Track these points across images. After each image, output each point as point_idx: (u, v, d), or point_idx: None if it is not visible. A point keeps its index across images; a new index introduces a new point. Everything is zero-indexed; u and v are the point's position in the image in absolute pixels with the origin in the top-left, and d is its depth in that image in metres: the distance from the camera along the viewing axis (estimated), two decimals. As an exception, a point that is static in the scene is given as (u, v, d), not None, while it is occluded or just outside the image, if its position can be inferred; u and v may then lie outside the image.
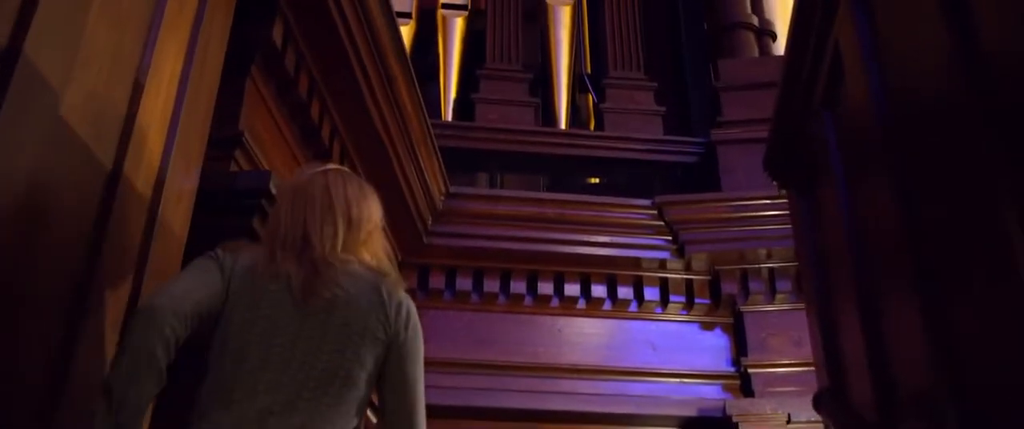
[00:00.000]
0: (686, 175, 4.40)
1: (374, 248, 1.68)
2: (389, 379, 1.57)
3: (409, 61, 2.97)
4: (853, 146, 1.77)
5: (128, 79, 1.66)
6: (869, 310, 1.69)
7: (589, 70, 5.31)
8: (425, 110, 3.17)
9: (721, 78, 4.39)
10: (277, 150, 2.58)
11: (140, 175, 1.69)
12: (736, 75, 4.38)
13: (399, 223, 3.46)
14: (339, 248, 1.59)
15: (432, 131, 3.31)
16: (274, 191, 2.06)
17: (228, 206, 2.07)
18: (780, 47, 4.77)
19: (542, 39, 4.98)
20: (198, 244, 1.96)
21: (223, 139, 2.21)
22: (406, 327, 1.59)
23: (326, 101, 2.75)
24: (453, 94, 4.72)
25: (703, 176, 4.27)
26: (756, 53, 4.58)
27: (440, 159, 3.50)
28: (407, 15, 4.89)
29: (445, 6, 4.99)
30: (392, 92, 2.93)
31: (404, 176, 3.27)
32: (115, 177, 1.59)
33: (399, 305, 1.59)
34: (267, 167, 2.44)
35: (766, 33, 4.68)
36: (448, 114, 4.65)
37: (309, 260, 1.55)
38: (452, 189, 3.71)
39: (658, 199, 3.87)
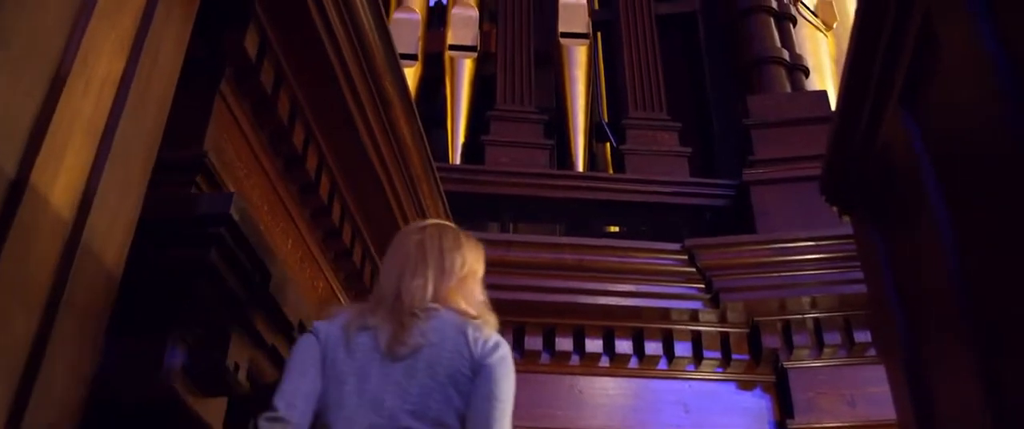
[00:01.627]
0: (716, 219, 4.03)
1: (469, 295, 1.72)
2: (471, 413, 1.56)
3: (407, 85, 2.65)
4: (956, 154, 1.39)
5: (45, 70, 1.34)
6: (989, 361, 1.29)
7: (606, 114, 5.02)
8: (426, 141, 2.83)
9: (751, 115, 4.06)
10: (253, 180, 2.25)
11: (56, 190, 1.34)
12: (767, 111, 4.06)
13: (400, 271, 3.10)
14: (429, 298, 1.66)
15: (434, 167, 2.97)
16: (237, 217, 1.71)
17: (182, 236, 1.72)
18: (814, 82, 4.46)
19: (557, 79, 4.68)
20: (141, 282, 1.62)
21: (182, 161, 1.88)
22: (490, 355, 1.59)
23: (311, 126, 2.42)
24: (461, 138, 4.41)
25: (735, 220, 3.90)
26: (788, 89, 4.25)
27: (444, 199, 3.15)
28: (412, 57, 4.63)
29: (453, 47, 4.72)
30: (388, 118, 2.60)
31: (403, 216, 2.92)
32: (18, 186, 1.25)
33: (486, 341, 1.61)
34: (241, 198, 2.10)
35: (798, 68, 4.36)
36: (456, 159, 4.33)
37: (397, 313, 1.64)
38: (459, 234, 3.35)
39: (689, 243, 3.50)
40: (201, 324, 1.82)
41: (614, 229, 4.67)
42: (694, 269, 3.50)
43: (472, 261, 1.78)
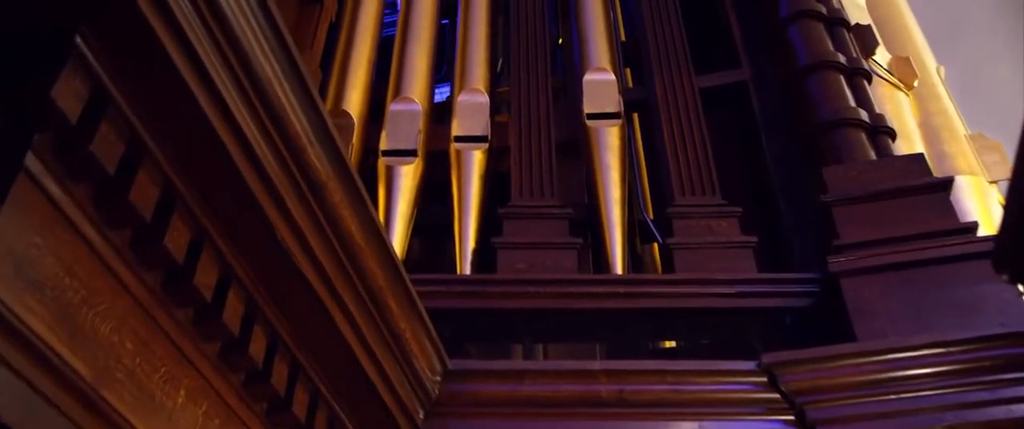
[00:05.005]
0: (799, 325, 3.11)
1: None
2: None
3: (347, 163, 1.89)
4: None
5: None
6: None
7: (650, 210, 4.20)
8: (382, 231, 2.04)
9: (830, 190, 3.19)
10: (109, 296, 1.47)
11: None
12: (850, 184, 3.19)
13: (368, 424, 2.26)
14: None
15: (404, 273, 2.16)
16: None
17: None
18: (900, 149, 3.60)
19: (586, 167, 3.90)
20: None
21: None
22: None
23: (197, 217, 1.65)
24: (471, 243, 3.61)
25: (825, 324, 2.98)
26: (871, 155, 3.40)
27: (427, 322, 2.33)
28: (411, 153, 3.91)
29: (459, 139, 3.99)
30: (319, 203, 1.82)
31: (364, 348, 2.10)
32: None
33: None
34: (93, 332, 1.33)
35: (881, 130, 3.51)
36: (465, 268, 3.52)
37: None
38: (453, 365, 2.50)
39: (767, 359, 2.58)
40: None
41: (669, 345, 3.76)
42: (778, 395, 2.58)
43: None
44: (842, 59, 3.77)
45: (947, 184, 3.15)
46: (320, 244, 1.86)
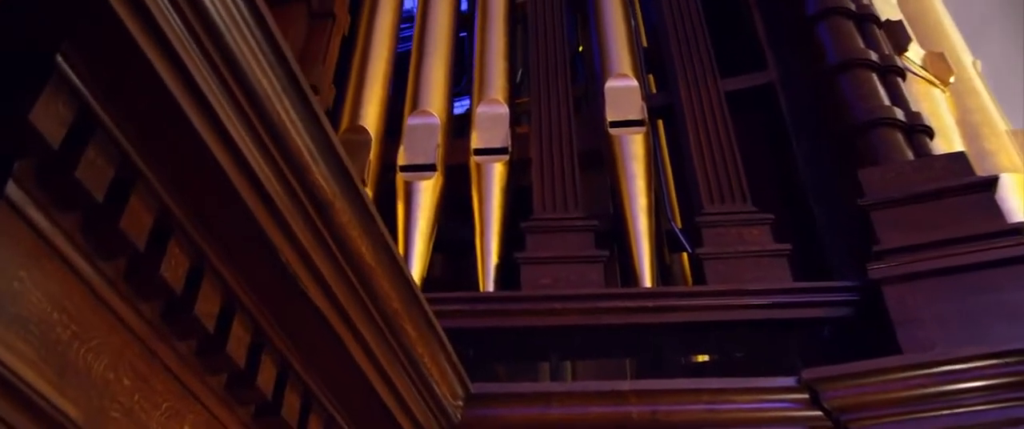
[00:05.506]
0: (839, 337, 2.96)
1: None
2: None
3: (355, 180, 1.79)
4: None
5: None
6: None
7: (678, 219, 4.07)
8: (394, 250, 1.93)
9: (867, 193, 3.05)
10: (103, 331, 1.37)
11: None
12: (889, 186, 3.04)
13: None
14: None
15: (420, 294, 2.05)
16: None
17: None
18: (938, 147, 3.44)
19: (610, 177, 3.78)
20: None
21: None
22: None
23: (195, 241, 1.56)
24: (494, 259, 3.50)
25: (866, 335, 2.83)
26: (909, 155, 3.24)
27: (446, 344, 2.22)
28: (430, 167, 3.81)
29: (478, 152, 3.89)
30: (326, 224, 1.72)
31: (380, 374, 2.00)
32: None
33: None
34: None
35: (919, 129, 3.36)
36: (488, 285, 3.41)
37: None
38: (476, 388, 2.39)
39: (808, 374, 2.44)
40: None
41: (701, 358, 3.62)
42: (820, 412, 2.43)
43: None
44: (874, 56, 3.62)
45: (991, 183, 2.99)
46: (328, 266, 1.76)
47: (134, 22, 1.29)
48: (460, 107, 4.83)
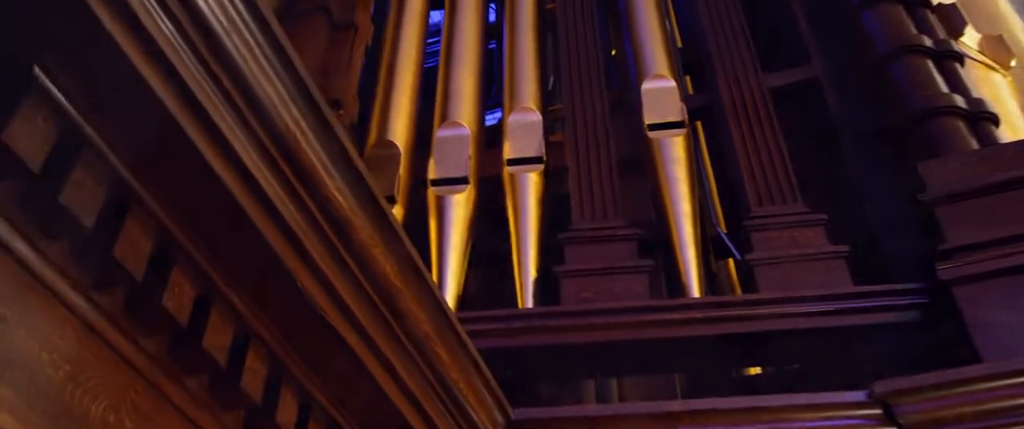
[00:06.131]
0: (906, 344, 2.73)
1: None
2: None
3: (375, 193, 1.64)
4: None
5: None
6: None
7: (723, 223, 3.88)
8: (423, 269, 1.78)
9: (930, 187, 2.83)
10: (101, 370, 1.23)
11: None
12: (952, 179, 2.82)
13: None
14: None
15: (452, 316, 1.90)
16: None
17: None
18: (1003, 135, 3.20)
19: (651, 183, 3.60)
20: None
21: None
22: None
23: (199, 265, 1.42)
24: (532, 273, 3.34)
25: (939, 342, 2.61)
26: (973, 145, 3.01)
27: (483, 368, 2.06)
28: (462, 180, 3.67)
29: (512, 162, 3.74)
30: (345, 245, 1.58)
31: (412, 404, 1.84)
32: None
33: None
34: None
35: (983, 116, 3.13)
36: (527, 301, 3.24)
37: None
38: (517, 414, 2.22)
39: (880, 388, 2.23)
40: None
41: (753, 371, 3.41)
42: (894, 429, 2.23)
43: None
44: (928, 42, 3.40)
45: (1067, 171, 2.76)
46: (349, 289, 1.61)
47: (117, 25, 1.15)
48: (491, 119, 4.69)
